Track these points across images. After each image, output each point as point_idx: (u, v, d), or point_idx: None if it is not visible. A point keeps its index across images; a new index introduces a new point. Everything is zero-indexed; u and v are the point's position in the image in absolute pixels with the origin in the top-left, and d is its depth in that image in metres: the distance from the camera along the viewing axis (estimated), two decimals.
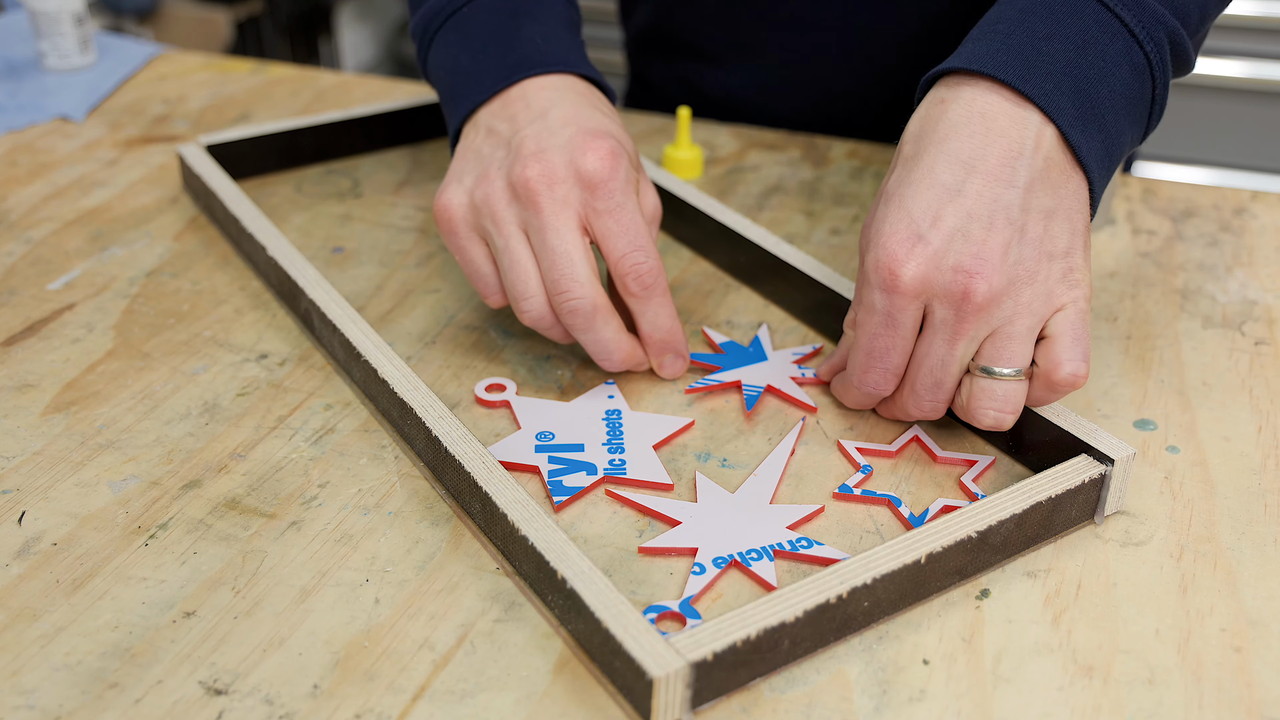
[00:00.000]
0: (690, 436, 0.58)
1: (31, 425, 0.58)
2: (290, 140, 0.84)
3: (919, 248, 0.52)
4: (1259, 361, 0.65)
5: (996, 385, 0.53)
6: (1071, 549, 0.52)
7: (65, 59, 1.03)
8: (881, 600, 0.47)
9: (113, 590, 0.49)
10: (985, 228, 0.52)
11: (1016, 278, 0.52)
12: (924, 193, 0.53)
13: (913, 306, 0.53)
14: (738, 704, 0.44)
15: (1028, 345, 0.53)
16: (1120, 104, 0.55)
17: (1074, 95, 0.54)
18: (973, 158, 0.53)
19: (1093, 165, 0.54)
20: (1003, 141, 0.53)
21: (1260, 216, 0.80)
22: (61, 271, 0.72)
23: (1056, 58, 0.54)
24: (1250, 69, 1.89)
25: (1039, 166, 0.53)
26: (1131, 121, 0.56)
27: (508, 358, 0.64)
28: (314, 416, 0.59)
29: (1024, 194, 0.53)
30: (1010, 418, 0.54)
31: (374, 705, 0.44)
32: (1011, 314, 0.52)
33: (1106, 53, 0.55)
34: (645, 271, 0.58)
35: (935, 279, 0.52)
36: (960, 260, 0.52)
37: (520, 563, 0.49)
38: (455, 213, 0.60)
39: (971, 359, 0.54)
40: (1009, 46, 0.55)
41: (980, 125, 0.53)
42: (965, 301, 0.52)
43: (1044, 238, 0.53)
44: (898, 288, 0.52)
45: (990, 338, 0.53)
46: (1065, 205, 0.54)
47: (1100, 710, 0.44)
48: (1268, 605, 0.49)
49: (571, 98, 0.62)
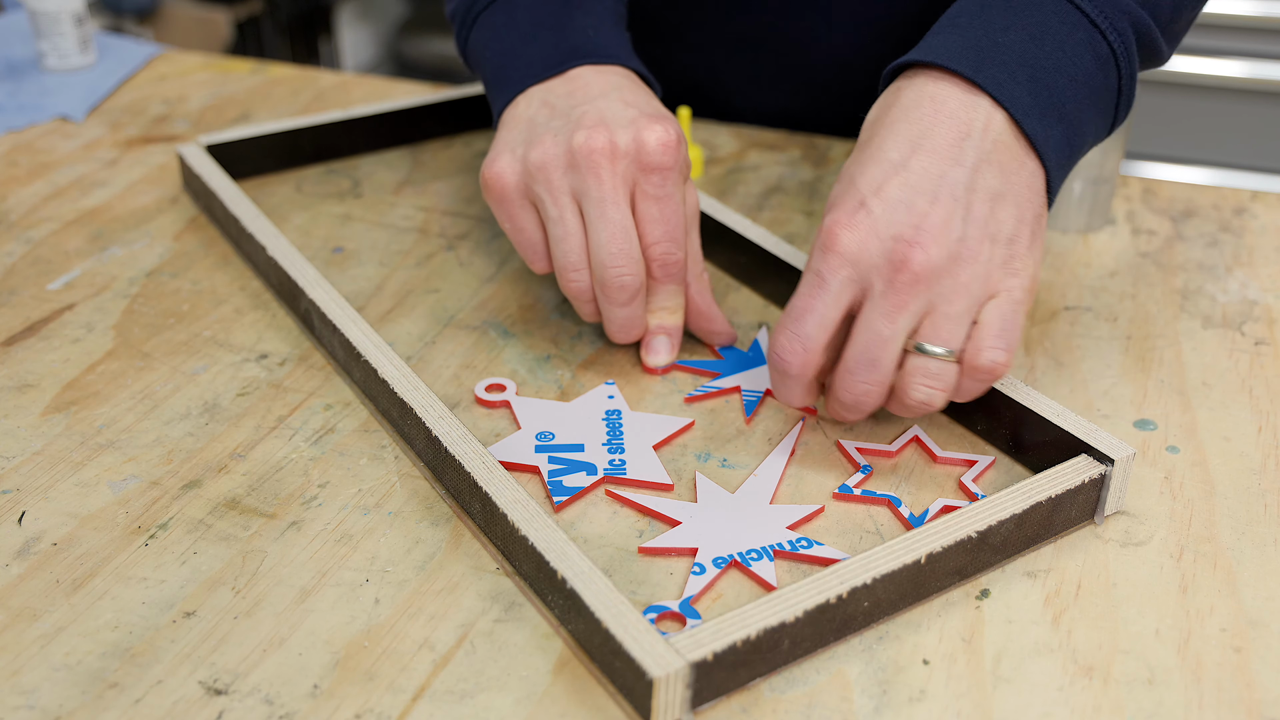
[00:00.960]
0: (690, 437, 0.58)
1: (31, 425, 0.58)
2: (290, 140, 0.84)
3: (860, 214, 0.52)
4: (1259, 361, 0.65)
5: (930, 363, 0.52)
6: (1071, 549, 0.52)
7: (65, 59, 1.03)
8: (881, 600, 0.47)
9: (113, 590, 0.49)
10: (929, 201, 0.52)
11: (957, 255, 0.52)
12: (871, 168, 0.53)
13: (845, 271, 0.52)
14: (738, 704, 0.44)
15: (963, 327, 0.52)
16: (1082, 93, 0.55)
17: (1030, 85, 0.54)
18: (920, 136, 0.53)
19: (1050, 154, 0.54)
20: (952, 123, 0.53)
21: (1260, 216, 0.80)
22: (61, 271, 0.72)
23: (1012, 48, 0.55)
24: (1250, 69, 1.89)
25: (987, 149, 0.53)
26: (1096, 112, 0.56)
27: (508, 358, 0.64)
28: (314, 416, 0.59)
29: (971, 173, 0.53)
30: (941, 396, 0.53)
31: (374, 705, 0.44)
32: (949, 292, 0.52)
33: (1066, 43, 0.55)
34: (673, 262, 0.60)
35: (873, 246, 0.52)
36: (900, 230, 0.52)
37: (520, 563, 0.49)
38: (508, 180, 0.61)
39: (907, 339, 0.53)
40: (965, 39, 0.55)
41: (930, 108, 0.54)
42: (902, 271, 0.51)
43: (989, 219, 0.53)
44: (833, 247, 0.52)
45: (927, 316, 0.52)
46: (1015, 191, 0.54)
47: (1100, 710, 0.44)
48: (1268, 605, 0.49)
49: (630, 86, 0.63)
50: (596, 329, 0.67)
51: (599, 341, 0.66)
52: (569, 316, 0.68)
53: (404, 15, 2.94)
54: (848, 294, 0.53)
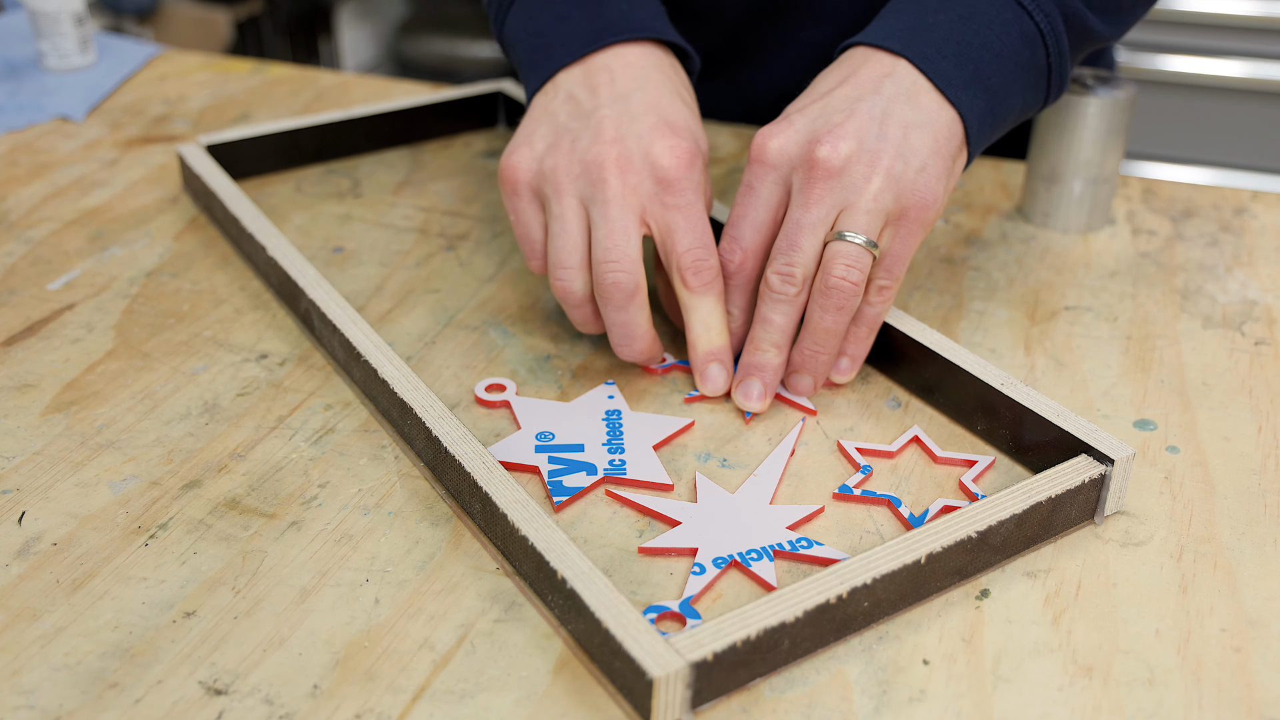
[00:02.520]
0: (690, 436, 0.58)
1: (31, 425, 0.58)
2: (290, 140, 0.84)
3: (782, 126, 0.59)
4: (1259, 361, 0.65)
5: (849, 247, 0.56)
6: (1071, 549, 0.52)
7: (65, 59, 1.03)
8: (881, 600, 0.47)
9: (113, 590, 0.49)
10: (845, 114, 0.58)
11: (868, 161, 0.56)
12: (800, 100, 0.60)
13: (771, 176, 0.58)
14: (738, 704, 0.44)
15: (876, 225, 0.57)
16: (1009, 69, 0.60)
17: (956, 60, 0.59)
18: (844, 76, 0.60)
19: (972, 121, 0.59)
20: (877, 67, 0.59)
21: (1260, 216, 0.80)
22: (61, 271, 0.72)
23: (940, 28, 0.60)
24: (1250, 69, 1.89)
25: (907, 87, 0.59)
26: (1024, 85, 0.62)
27: (508, 358, 0.64)
28: (314, 416, 0.59)
29: (888, 101, 0.58)
30: (858, 275, 0.56)
31: (374, 705, 0.44)
32: (861, 191, 0.56)
33: (994, 23, 0.60)
34: (707, 268, 0.59)
35: (792, 149, 0.58)
36: (816, 132, 0.57)
37: (520, 563, 0.49)
38: (520, 175, 0.61)
39: (826, 232, 0.57)
40: (900, 22, 0.61)
41: (859, 61, 0.60)
42: (816, 165, 0.56)
43: (902, 142, 0.57)
44: (759, 157, 0.58)
45: (844, 211, 0.57)
46: (932, 126, 0.58)
47: (1100, 710, 0.44)
48: (1268, 605, 0.49)
49: (656, 79, 0.63)
50: None
51: (599, 342, 0.66)
52: None
53: (404, 15, 2.94)
54: (775, 196, 0.58)
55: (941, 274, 0.72)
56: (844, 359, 0.61)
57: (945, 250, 0.75)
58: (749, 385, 0.59)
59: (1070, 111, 0.75)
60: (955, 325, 0.67)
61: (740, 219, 0.59)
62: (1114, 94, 0.75)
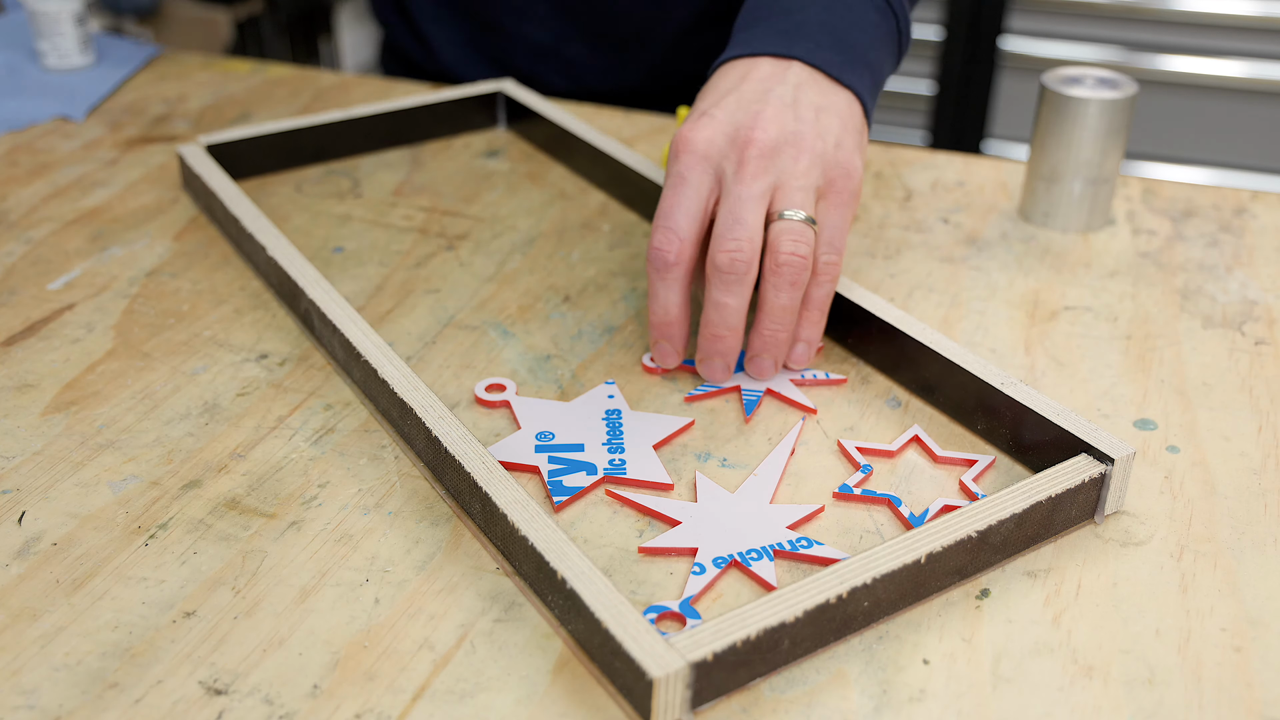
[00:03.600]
0: (690, 436, 0.58)
1: (31, 425, 0.58)
2: (290, 140, 0.84)
3: (704, 121, 0.60)
4: (1259, 361, 0.65)
5: (793, 224, 0.58)
6: (1071, 549, 0.52)
7: (65, 59, 1.03)
8: (881, 600, 0.47)
9: (113, 590, 0.49)
10: (760, 103, 0.61)
11: (793, 142, 0.59)
12: (707, 97, 0.62)
13: (699, 165, 0.59)
14: (738, 704, 0.44)
15: (810, 200, 0.59)
16: (876, 41, 0.66)
17: (835, 48, 0.64)
18: (745, 74, 0.63)
19: (865, 95, 0.64)
20: (770, 68, 0.63)
21: (1260, 216, 0.80)
22: (61, 271, 0.72)
23: (811, 24, 0.64)
24: (1250, 69, 1.89)
25: (805, 78, 0.62)
26: (887, 53, 0.67)
27: (508, 358, 0.64)
28: (314, 416, 0.59)
29: (794, 89, 0.61)
30: (806, 249, 0.58)
31: (374, 705, 0.44)
32: (792, 170, 0.59)
33: (854, 7, 0.65)
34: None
35: (719, 139, 0.60)
36: (739, 123, 0.60)
37: (520, 563, 0.49)
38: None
39: (767, 212, 0.59)
40: (771, 28, 0.64)
41: (748, 67, 0.63)
42: (747, 148, 0.59)
43: (816, 123, 0.61)
44: (685, 149, 0.60)
45: (778, 190, 0.59)
46: (836, 107, 0.62)
47: (1100, 710, 0.44)
48: (1268, 605, 0.49)
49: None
50: (596, 329, 0.67)
51: (599, 341, 0.66)
52: (569, 316, 0.68)
53: None
54: (705, 184, 0.60)
55: (941, 274, 0.72)
56: (799, 344, 0.62)
57: (945, 250, 0.75)
58: (712, 364, 0.61)
59: (1070, 111, 0.75)
60: (955, 325, 0.67)
61: (673, 209, 0.59)
62: (1114, 94, 0.75)
